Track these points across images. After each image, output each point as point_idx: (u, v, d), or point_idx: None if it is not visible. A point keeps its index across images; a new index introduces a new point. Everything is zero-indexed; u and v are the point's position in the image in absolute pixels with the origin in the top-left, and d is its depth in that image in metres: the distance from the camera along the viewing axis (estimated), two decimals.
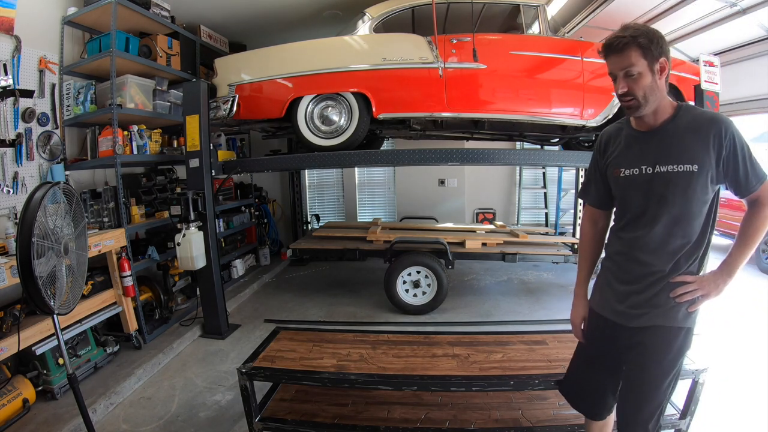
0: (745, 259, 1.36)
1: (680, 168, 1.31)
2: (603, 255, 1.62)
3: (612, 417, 1.66)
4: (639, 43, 1.28)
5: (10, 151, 2.96)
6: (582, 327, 1.67)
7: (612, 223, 1.58)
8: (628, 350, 1.45)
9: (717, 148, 1.29)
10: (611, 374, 1.54)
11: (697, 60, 3.33)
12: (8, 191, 2.93)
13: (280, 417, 2.16)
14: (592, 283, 1.67)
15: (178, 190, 4.07)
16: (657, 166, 1.34)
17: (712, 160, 1.29)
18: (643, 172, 1.37)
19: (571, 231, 6.31)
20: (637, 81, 1.30)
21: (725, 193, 1.40)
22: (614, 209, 1.56)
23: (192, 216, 3.52)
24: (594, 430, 1.69)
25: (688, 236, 1.35)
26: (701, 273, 1.40)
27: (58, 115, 3.37)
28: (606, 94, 3.44)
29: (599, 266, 1.65)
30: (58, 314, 1.80)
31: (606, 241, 1.60)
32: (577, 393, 1.71)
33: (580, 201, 1.67)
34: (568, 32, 4.41)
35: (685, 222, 1.34)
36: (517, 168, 6.57)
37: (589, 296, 1.66)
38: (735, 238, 1.39)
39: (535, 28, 3.77)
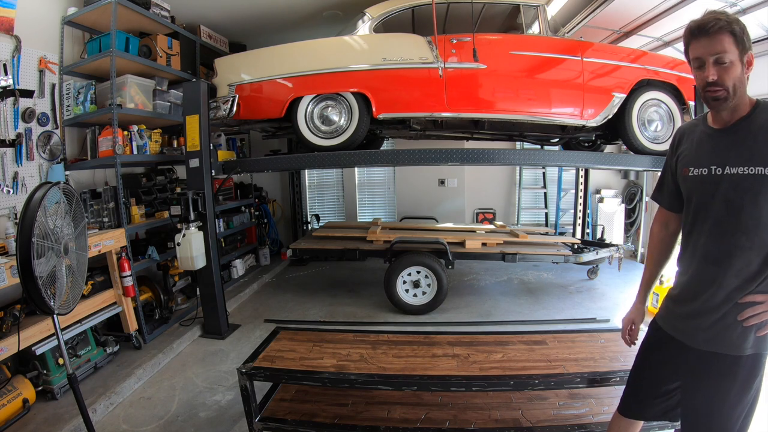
0: None
1: (751, 171, 1.18)
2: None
3: (640, 425, 1.61)
4: (733, 30, 1.17)
5: (10, 151, 2.96)
6: (629, 331, 1.59)
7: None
8: (688, 371, 1.35)
9: None
10: (661, 382, 1.46)
11: None
12: (8, 191, 2.93)
13: (280, 417, 2.16)
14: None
15: (178, 190, 4.07)
16: (727, 167, 1.22)
17: None
18: (713, 172, 1.25)
19: (571, 231, 6.32)
20: (728, 70, 1.18)
21: None
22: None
23: (192, 216, 3.52)
24: (617, 426, 1.63)
25: (757, 248, 1.20)
26: None
27: (58, 115, 3.37)
28: (606, 94, 3.44)
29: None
30: (58, 314, 1.80)
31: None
32: (626, 392, 1.62)
33: (654, 202, 1.57)
34: (568, 32, 4.41)
35: (753, 231, 1.20)
36: (517, 168, 6.57)
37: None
38: None
39: (535, 28, 3.77)
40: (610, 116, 3.47)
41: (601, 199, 6.27)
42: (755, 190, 1.18)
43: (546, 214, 6.59)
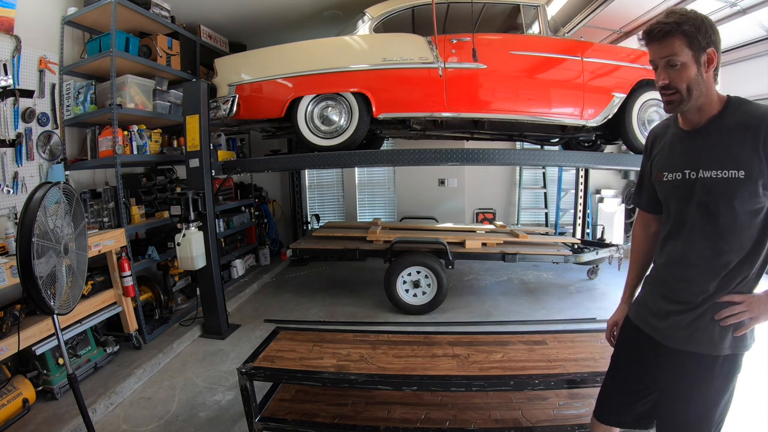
0: None
1: (724, 174, 1.15)
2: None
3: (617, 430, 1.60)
4: (684, 30, 1.14)
5: (10, 151, 2.96)
6: (614, 332, 1.58)
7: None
8: (664, 372, 1.32)
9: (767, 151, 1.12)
10: (634, 384, 1.45)
11: None
12: (8, 191, 2.93)
13: (280, 417, 2.16)
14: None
15: (178, 190, 4.07)
16: (700, 170, 1.19)
17: (763, 165, 1.12)
18: (687, 177, 1.22)
19: (571, 231, 6.31)
20: (680, 72, 1.16)
21: None
22: None
23: (192, 216, 3.52)
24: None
25: (735, 251, 1.18)
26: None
27: (58, 115, 3.37)
28: (606, 94, 3.44)
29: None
30: (58, 314, 1.80)
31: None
32: (601, 394, 1.61)
33: (633, 206, 1.55)
34: (568, 32, 4.41)
35: (731, 235, 1.17)
36: (517, 168, 6.57)
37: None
38: None
39: (535, 28, 3.77)
40: (610, 116, 3.47)
41: (601, 199, 6.27)
42: (730, 194, 1.16)
43: (546, 214, 6.59)
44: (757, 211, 1.16)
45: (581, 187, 6.17)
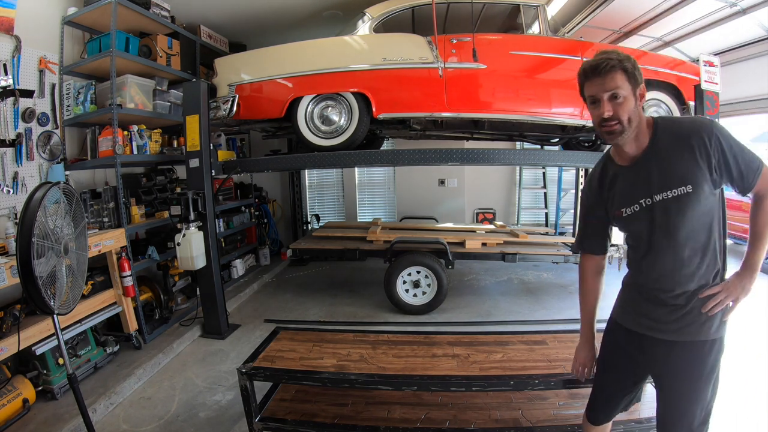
0: (763, 253, 1.33)
1: (674, 192, 1.27)
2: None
3: (609, 425, 1.67)
4: (624, 67, 1.26)
5: (10, 151, 2.96)
6: (586, 370, 1.68)
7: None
8: (657, 364, 1.41)
9: (706, 158, 1.25)
10: (627, 380, 1.52)
11: (697, 60, 3.33)
12: (8, 191, 2.93)
13: (280, 417, 2.16)
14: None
15: (178, 190, 4.07)
16: (653, 195, 1.31)
17: (705, 172, 1.25)
18: (644, 205, 1.33)
19: (571, 231, 6.31)
20: (622, 105, 1.27)
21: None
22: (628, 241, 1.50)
23: (192, 216, 3.52)
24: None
25: (701, 251, 1.31)
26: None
27: (58, 115, 3.37)
28: None
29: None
30: (58, 314, 1.80)
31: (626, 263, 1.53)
32: (592, 398, 1.67)
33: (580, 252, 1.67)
34: (568, 32, 4.41)
35: (693, 242, 1.30)
36: (517, 168, 6.57)
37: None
38: (748, 237, 1.35)
39: (535, 28, 3.77)
40: None
41: None
42: (682, 207, 1.27)
43: (546, 214, 6.60)
44: (707, 211, 1.29)
45: (581, 187, 6.17)
